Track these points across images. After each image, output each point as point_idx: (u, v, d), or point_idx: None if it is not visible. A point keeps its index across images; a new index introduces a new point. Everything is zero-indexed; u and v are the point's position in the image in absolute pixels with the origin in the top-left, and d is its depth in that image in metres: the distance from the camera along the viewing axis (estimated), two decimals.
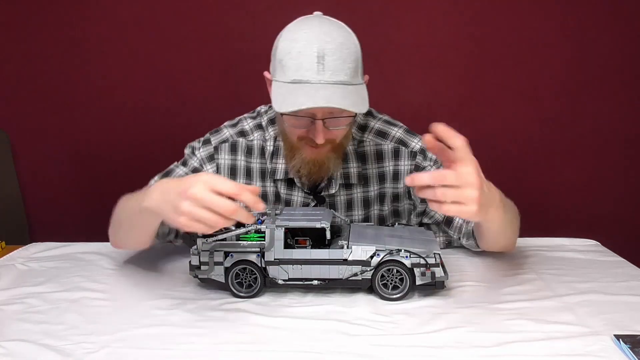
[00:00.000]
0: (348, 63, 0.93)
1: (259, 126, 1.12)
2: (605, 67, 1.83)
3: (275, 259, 0.88)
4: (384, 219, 1.13)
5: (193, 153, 1.11)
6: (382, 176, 1.11)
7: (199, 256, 0.90)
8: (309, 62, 0.91)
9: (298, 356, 0.71)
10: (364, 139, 1.11)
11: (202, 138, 1.13)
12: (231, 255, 0.89)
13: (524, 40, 1.82)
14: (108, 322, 0.81)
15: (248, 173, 1.11)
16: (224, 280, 0.90)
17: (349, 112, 0.94)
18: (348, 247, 0.88)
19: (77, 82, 1.87)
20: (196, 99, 1.84)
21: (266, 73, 1.02)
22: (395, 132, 1.12)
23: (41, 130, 1.90)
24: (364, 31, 1.02)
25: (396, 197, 1.13)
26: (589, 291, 0.91)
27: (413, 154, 1.10)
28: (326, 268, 0.88)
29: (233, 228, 0.88)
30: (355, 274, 0.88)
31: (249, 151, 1.11)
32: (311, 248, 0.89)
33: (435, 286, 0.88)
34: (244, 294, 0.89)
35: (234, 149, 1.11)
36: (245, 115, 1.16)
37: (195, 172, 1.03)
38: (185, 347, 0.74)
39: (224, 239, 0.89)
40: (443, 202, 0.75)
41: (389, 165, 1.11)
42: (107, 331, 0.78)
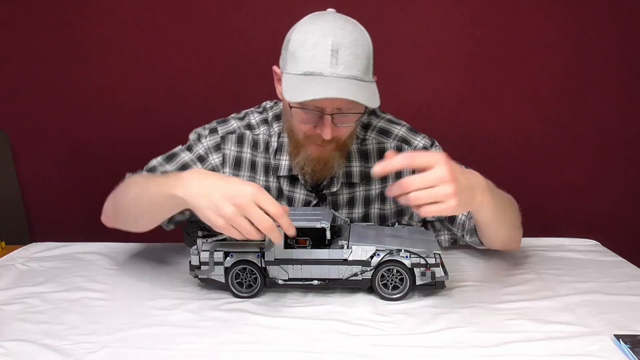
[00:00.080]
0: (361, 59, 0.93)
1: (265, 121, 1.11)
2: (605, 67, 1.83)
3: (275, 259, 0.88)
4: (385, 218, 1.13)
5: (199, 140, 1.10)
6: (386, 175, 1.11)
7: (199, 256, 0.90)
8: (322, 55, 0.91)
9: (298, 356, 0.71)
10: (367, 137, 1.11)
11: (208, 125, 1.12)
12: (231, 255, 0.89)
13: (524, 40, 1.82)
14: (108, 322, 0.81)
15: (252, 166, 1.10)
16: (224, 280, 0.89)
17: (358, 109, 0.95)
18: (348, 247, 0.87)
19: (77, 82, 1.87)
20: (196, 99, 1.84)
21: (275, 67, 1.02)
22: (398, 131, 1.12)
23: (41, 130, 1.90)
24: None
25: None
26: (589, 291, 0.91)
27: None
28: (326, 268, 0.87)
29: None
30: (355, 274, 0.88)
31: (254, 145, 1.10)
32: (311, 248, 0.89)
33: (435, 286, 0.88)
34: (244, 294, 0.89)
35: (240, 141, 1.10)
36: (252, 109, 1.15)
37: (200, 160, 1.08)
38: (185, 347, 0.74)
39: (224, 239, 0.89)
40: (422, 205, 0.76)
41: None
42: (107, 331, 0.78)
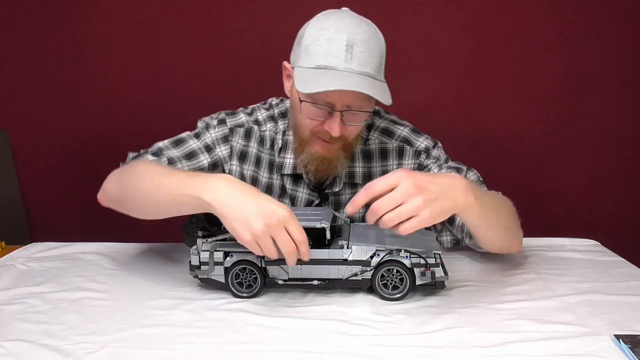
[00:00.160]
0: (375, 58, 0.94)
1: (272, 118, 1.11)
2: (605, 67, 1.83)
3: (275, 259, 0.88)
4: None
5: (207, 129, 1.09)
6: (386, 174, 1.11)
7: (199, 256, 0.90)
8: (337, 50, 0.91)
9: (298, 356, 0.71)
10: (370, 137, 1.11)
11: (216, 116, 1.11)
12: (231, 255, 0.89)
13: (524, 40, 1.82)
14: (108, 322, 0.81)
15: (257, 162, 1.10)
16: (224, 280, 0.89)
17: (367, 108, 0.95)
18: (348, 247, 0.87)
19: (77, 82, 1.87)
20: (196, 99, 1.84)
21: (285, 63, 1.02)
22: (401, 131, 1.12)
23: (41, 130, 1.90)
24: None
25: None
26: (589, 291, 0.90)
27: (417, 153, 1.10)
28: (326, 268, 0.87)
29: None
30: (355, 274, 0.88)
31: (261, 141, 1.10)
32: (311, 248, 0.88)
33: (435, 286, 0.88)
34: (244, 294, 0.89)
35: (248, 135, 1.10)
36: (259, 105, 1.15)
37: (208, 150, 1.07)
38: (185, 347, 0.74)
39: (224, 239, 0.89)
40: (398, 225, 0.77)
41: (393, 164, 1.11)
42: (107, 331, 0.78)
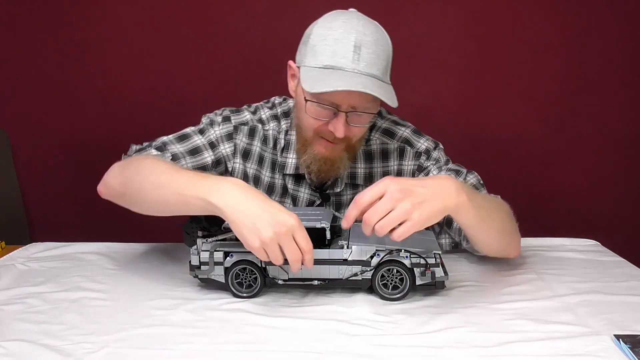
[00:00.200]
0: (381, 60, 0.94)
1: (275, 117, 1.11)
2: (605, 67, 1.83)
3: None
4: None
5: (211, 125, 1.08)
6: (387, 175, 1.10)
7: (199, 256, 0.90)
8: (345, 50, 0.91)
9: (298, 356, 0.71)
10: (371, 137, 1.11)
11: (220, 112, 1.10)
12: (231, 255, 0.89)
13: (524, 40, 1.82)
14: (108, 322, 0.81)
15: (260, 161, 1.10)
16: (224, 280, 0.89)
17: (372, 110, 0.95)
18: (348, 247, 0.87)
19: (77, 82, 1.87)
20: (196, 99, 1.84)
21: (290, 62, 1.02)
22: (403, 132, 1.12)
23: (41, 130, 1.90)
24: None
25: None
26: (589, 291, 0.90)
27: (417, 154, 1.10)
28: (326, 268, 0.87)
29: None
30: (355, 274, 0.88)
31: (265, 140, 1.09)
32: None
33: (435, 286, 0.88)
34: (244, 294, 0.89)
35: (252, 133, 1.09)
36: (262, 103, 1.14)
37: (212, 146, 1.06)
38: (185, 347, 0.73)
39: (224, 239, 0.89)
40: (392, 231, 0.78)
41: (393, 165, 1.11)
42: (107, 331, 0.78)
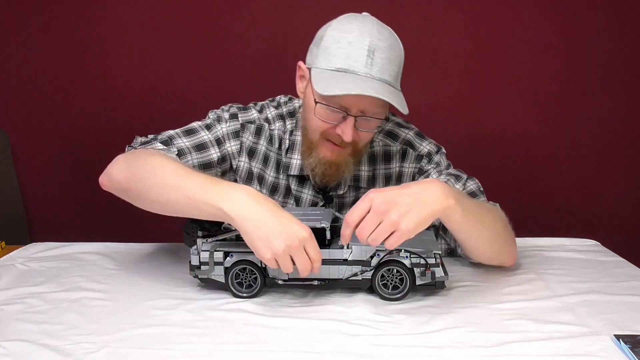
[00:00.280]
0: (394, 65, 0.94)
1: (281, 116, 1.10)
2: (606, 68, 1.83)
3: None
4: None
5: (218, 121, 1.07)
6: (389, 177, 1.11)
7: (199, 256, 0.90)
8: (358, 54, 0.91)
9: (298, 356, 0.71)
10: (374, 139, 1.10)
11: (227, 109, 1.09)
12: (231, 255, 0.89)
13: (524, 40, 1.82)
14: (108, 322, 0.81)
15: (265, 160, 1.09)
16: (224, 280, 0.90)
17: (380, 115, 0.96)
18: (348, 247, 0.87)
19: (78, 82, 1.86)
20: (196, 99, 1.84)
21: (300, 63, 1.02)
22: (406, 134, 1.12)
23: (41, 130, 1.90)
24: None
25: None
26: (589, 291, 0.91)
27: (419, 157, 1.10)
28: (326, 268, 0.87)
29: (233, 228, 0.88)
30: (355, 274, 0.88)
31: (270, 140, 1.09)
32: None
33: (435, 286, 0.88)
34: (244, 294, 0.89)
35: (258, 132, 1.08)
36: (267, 102, 1.13)
37: (218, 143, 1.05)
38: (185, 347, 0.73)
39: (224, 239, 0.89)
40: (385, 241, 0.79)
41: (395, 167, 1.11)
42: (107, 331, 0.78)
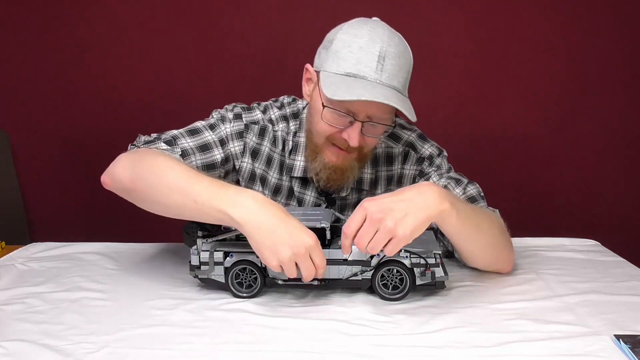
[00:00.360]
0: (403, 72, 0.94)
1: (284, 117, 1.10)
2: (606, 68, 1.83)
3: None
4: None
5: (222, 121, 1.06)
6: (390, 179, 1.11)
7: (199, 256, 0.90)
8: (368, 59, 0.91)
9: (298, 356, 0.71)
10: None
11: (231, 108, 1.08)
12: (231, 255, 0.89)
13: (524, 40, 1.82)
14: (108, 322, 0.81)
15: (269, 161, 1.08)
16: (224, 280, 0.90)
17: (387, 121, 0.96)
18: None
19: (78, 82, 1.87)
20: (196, 99, 1.84)
21: (308, 66, 1.01)
22: (408, 136, 1.12)
23: (41, 130, 1.90)
24: None
25: None
26: (589, 291, 0.91)
27: (420, 160, 1.10)
28: (326, 268, 0.87)
29: (233, 228, 0.88)
30: (355, 274, 0.88)
31: (274, 141, 1.08)
32: None
33: (435, 286, 0.88)
34: (244, 294, 0.89)
35: (262, 133, 1.08)
36: (271, 102, 1.13)
37: (222, 143, 1.04)
38: (185, 347, 0.73)
39: (224, 239, 0.89)
40: (384, 249, 0.80)
41: (397, 169, 1.11)
42: (107, 331, 0.78)
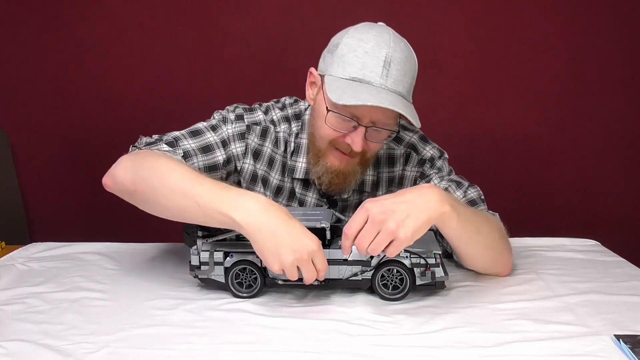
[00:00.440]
0: (408, 78, 0.94)
1: (286, 118, 1.09)
2: (606, 68, 1.83)
3: None
4: None
5: (224, 122, 1.06)
6: (392, 180, 1.11)
7: (199, 256, 0.90)
8: (374, 64, 0.91)
9: (298, 356, 0.71)
10: None
11: (233, 109, 1.08)
12: (231, 255, 0.89)
13: (524, 40, 1.82)
14: (108, 322, 0.81)
15: (270, 162, 1.08)
16: (224, 280, 0.90)
17: (391, 127, 0.96)
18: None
19: (78, 82, 1.86)
20: (196, 99, 1.84)
21: (312, 69, 1.01)
22: (410, 138, 1.12)
23: (41, 130, 1.90)
24: None
25: None
26: (589, 291, 0.91)
27: (422, 162, 1.10)
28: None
29: None
30: (355, 274, 0.88)
31: (276, 142, 1.08)
32: None
33: (435, 286, 0.88)
34: (244, 294, 0.89)
35: (264, 134, 1.07)
36: (272, 103, 1.12)
37: (224, 144, 1.04)
38: (185, 347, 0.73)
39: (224, 239, 0.89)
40: (385, 251, 0.80)
41: (398, 170, 1.11)
42: (107, 331, 0.78)
